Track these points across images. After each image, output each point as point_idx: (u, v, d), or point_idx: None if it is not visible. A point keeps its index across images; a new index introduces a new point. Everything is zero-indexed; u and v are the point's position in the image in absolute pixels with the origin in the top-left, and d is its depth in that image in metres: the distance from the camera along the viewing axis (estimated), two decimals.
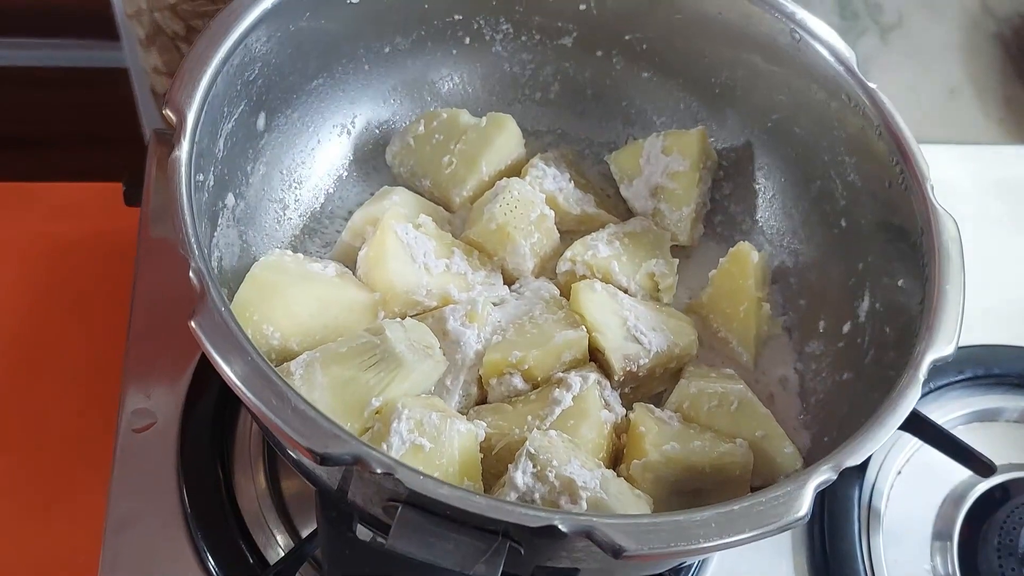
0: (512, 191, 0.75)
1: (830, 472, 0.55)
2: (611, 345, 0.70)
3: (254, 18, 0.68)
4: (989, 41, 1.06)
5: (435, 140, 0.81)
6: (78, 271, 0.81)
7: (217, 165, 0.68)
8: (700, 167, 0.81)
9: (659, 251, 0.79)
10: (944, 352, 0.61)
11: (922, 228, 0.67)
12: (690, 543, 0.51)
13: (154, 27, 0.89)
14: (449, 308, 0.71)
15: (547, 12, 0.84)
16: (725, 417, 0.69)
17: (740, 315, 0.75)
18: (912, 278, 0.68)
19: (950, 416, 0.85)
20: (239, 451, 0.77)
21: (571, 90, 0.88)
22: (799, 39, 0.77)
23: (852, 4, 1.01)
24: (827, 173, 0.78)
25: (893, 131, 0.72)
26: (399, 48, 0.82)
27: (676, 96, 0.86)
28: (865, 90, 0.74)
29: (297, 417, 0.51)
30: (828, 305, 0.78)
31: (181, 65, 0.63)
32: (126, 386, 0.74)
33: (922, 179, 0.69)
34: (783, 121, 0.81)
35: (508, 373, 0.69)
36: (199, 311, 0.53)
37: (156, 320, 0.76)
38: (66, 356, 0.79)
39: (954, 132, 0.69)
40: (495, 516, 0.50)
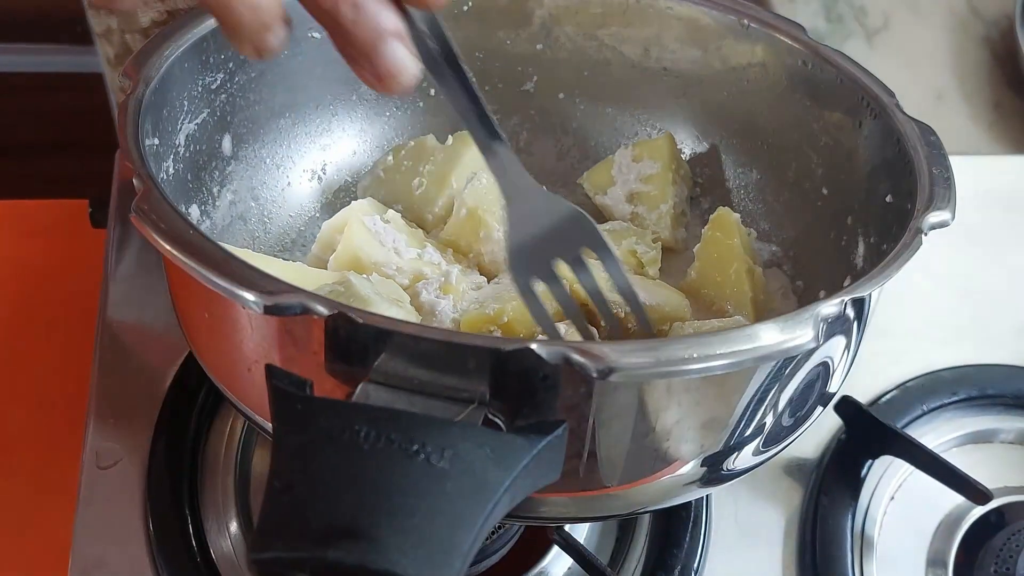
0: (481, 179, 0.74)
1: (835, 307, 0.49)
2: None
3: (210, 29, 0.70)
4: (977, 44, 1.06)
5: (404, 167, 0.81)
6: (45, 293, 0.77)
7: (177, 161, 0.68)
8: (671, 168, 0.81)
9: (640, 238, 0.76)
10: (942, 217, 0.57)
11: (898, 136, 0.66)
12: (684, 363, 0.44)
13: (124, 48, 0.91)
14: (422, 283, 0.68)
15: (507, 57, 0.88)
16: None
17: (731, 278, 0.71)
18: (899, 188, 0.65)
19: (944, 439, 0.80)
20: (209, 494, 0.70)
21: (540, 136, 0.89)
22: (747, 26, 0.79)
23: (837, 7, 1.03)
24: (799, 148, 0.78)
25: (849, 72, 0.72)
26: (365, 97, 0.84)
27: (642, 123, 0.87)
28: (815, 51, 0.75)
29: (241, 272, 0.47)
30: (825, 275, 0.74)
31: (144, 45, 0.65)
32: (91, 420, 0.69)
33: (887, 102, 0.68)
34: (747, 117, 0.82)
35: (487, 331, 0.64)
36: (140, 200, 0.51)
37: (123, 352, 0.72)
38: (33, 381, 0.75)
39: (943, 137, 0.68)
40: (460, 341, 0.44)
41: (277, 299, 0.46)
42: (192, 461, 0.70)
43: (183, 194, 0.69)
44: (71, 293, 0.77)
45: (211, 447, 0.71)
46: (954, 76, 1.05)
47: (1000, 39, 1.09)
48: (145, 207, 0.50)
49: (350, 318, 0.45)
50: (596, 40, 0.85)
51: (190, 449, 0.70)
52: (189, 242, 0.48)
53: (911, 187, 0.61)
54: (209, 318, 0.53)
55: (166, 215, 0.50)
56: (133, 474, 0.68)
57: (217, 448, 0.71)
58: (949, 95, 1.03)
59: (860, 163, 0.71)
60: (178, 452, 0.69)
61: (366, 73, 0.46)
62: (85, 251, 0.77)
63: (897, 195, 0.65)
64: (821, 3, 1.04)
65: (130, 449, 0.69)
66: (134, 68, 0.62)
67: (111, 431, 0.69)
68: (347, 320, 0.45)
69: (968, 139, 1.02)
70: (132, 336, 0.72)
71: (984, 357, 0.85)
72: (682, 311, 0.69)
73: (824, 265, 0.75)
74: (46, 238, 0.81)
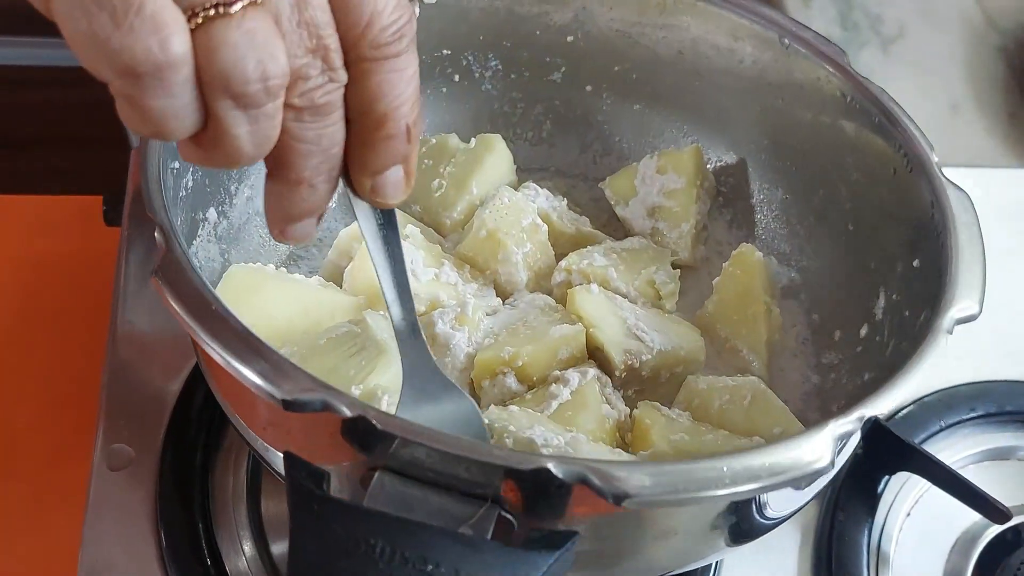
0: (503, 197, 0.73)
1: (852, 424, 0.49)
2: (611, 339, 0.65)
3: None
4: (993, 55, 1.03)
5: (424, 165, 0.79)
6: (56, 290, 0.77)
7: (196, 170, 0.66)
8: (696, 184, 0.79)
9: (659, 264, 0.75)
10: (969, 311, 0.57)
11: (932, 202, 0.64)
12: (697, 491, 0.45)
13: None
14: (437, 312, 0.67)
15: (535, 47, 0.85)
16: (739, 413, 0.64)
17: (749, 319, 0.71)
18: (928, 255, 0.64)
19: (961, 455, 0.80)
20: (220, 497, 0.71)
21: (563, 128, 0.87)
22: (788, 45, 0.76)
23: (853, 15, 1.00)
24: (829, 178, 0.76)
25: (891, 118, 0.69)
26: None
27: (669, 125, 0.85)
28: (857, 85, 0.72)
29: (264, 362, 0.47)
30: (842, 314, 0.74)
31: None
32: (102, 421, 0.70)
33: (927, 158, 0.67)
34: (778, 135, 0.80)
35: (501, 373, 0.64)
36: (161, 262, 0.50)
37: (135, 352, 0.72)
38: (43, 379, 0.75)
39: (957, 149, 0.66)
40: (478, 458, 0.44)
41: (297, 395, 0.46)
42: (204, 464, 0.70)
43: (201, 200, 0.68)
44: (83, 291, 0.77)
45: (223, 450, 0.72)
46: (969, 86, 1.02)
47: (1016, 49, 1.06)
48: (167, 274, 0.49)
49: (370, 422, 0.45)
50: (630, 38, 0.82)
51: (201, 452, 0.71)
52: (211, 319, 0.48)
53: (941, 263, 0.60)
54: (228, 381, 0.53)
55: (188, 284, 0.49)
56: (144, 476, 0.68)
57: (228, 451, 0.72)
58: (964, 106, 1.00)
59: (890, 212, 0.70)
60: (189, 455, 0.70)
61: (276, 224, 0.45)
62: (98, 248, 0.76)
63: (925, 263, 0.64)
64: (837, 11, 1.01)
65: (141, 451, 0.69)
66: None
67: (122, 433, 0.69)
68: (367, 423, 0.45)
69: (983, 150, 1.00)
70: (144, 337, 0.72)
71: (1003, 373, 0.84)
72: (697, 354, 0.69)
73: (842, 304, 0.74)
74: (59, 234, 0.79)
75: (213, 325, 0.47)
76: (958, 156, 1.02)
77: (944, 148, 1.04)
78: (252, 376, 0.46)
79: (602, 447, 0.57)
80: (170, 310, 0.49)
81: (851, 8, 1.00)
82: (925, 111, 0.68)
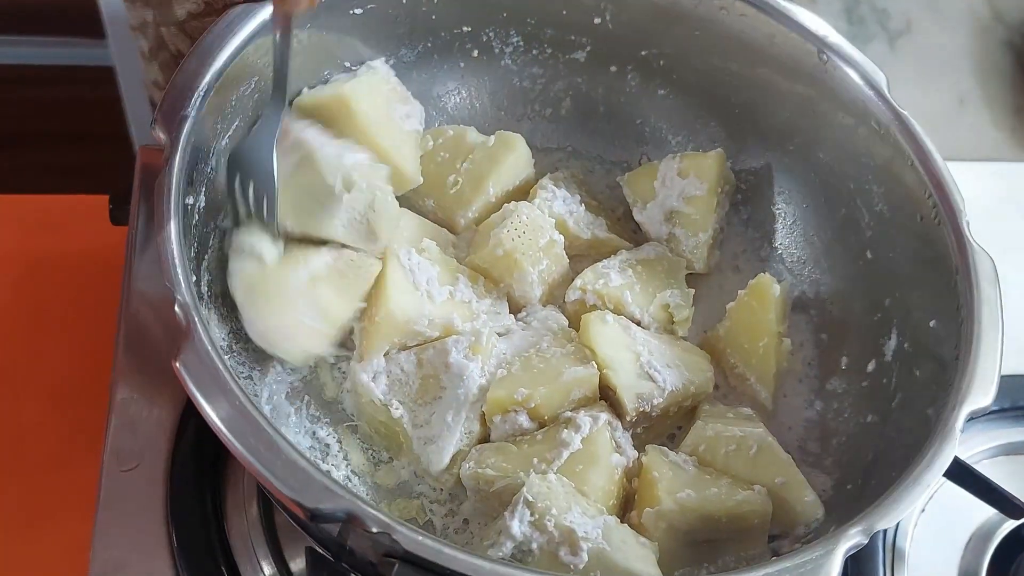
0: (521, 215, 0.71)
1: (860, 536, 0.51)
2: (623, 383, 0.66)
3: (252, 30, 0.64)
4: (999, 48, 1.02)
5: (440, 158, 0.77)
6: (64, 288, 0.76)
7: (209, 185, 0.64)
8: (718, 191, 0.78)
9: (674, 280, 0.75)
10: (981, 403, 0.57)
11: (957, 267, 0.64)
12: None
13: (158, 41, 0.85)
14: (452, 339, 0.67)
15: (560, 25, 0.80)
16: (743, 462, 0.65)
17: (759, 351, 0.71)
18: (946, 320, 0.64)
19: (976, 450, 0.81)
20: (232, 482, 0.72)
21: (583, 107, 0.84)
22: (826, 60, 0.73)
23: (859, 9, 0.97)
24: (853, 201, 0.75)
25: (926, 162, 0.68)
26: (404, 60, 0.78)
27: (693, 115, 0.82)
28: (897, 116, 0.70)
29: (286, 468, 0.47)
30: (851, 341, 0.74)
31: (172, 81, 0.59)
32: (112, 421, 0.70)
33: (957, 214, 0.66)
34: (806, 145, 0.77)
35: (513, 411, 0.65)
36: (184, 349, 0.49)
37: (143, 351, 0.71)
38: (50, 379, 0.75)
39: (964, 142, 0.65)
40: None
41: (320, 506, 0.47)
42: (214, 464, 0.71)
43: (213, 209, 0.66)
44: (90, 289, 0.75)
45: None
46: (976, 80, 1.01)
47: (1023, 43, 1.04)
48: (190, 363, 0.49)
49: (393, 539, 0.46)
50: (663, 23, 0.78)
51: (212, 451, 0.72)
52: (233, 422, 0.48)
53: (960, 341, 0.60)
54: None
55: (212, 375, 0.49)
56: (154, 477, 0.69)
57: None
58: (971, 99, 0.99)
59: (911, 256, 0.69)
60: (200, 454, 0.71)
61: None
62: (104, 246, 0.74)
63: (942, 329, 0.64)
64: (843, 4, 0.98)
65: (151, 451, 0.70)
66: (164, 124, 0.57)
67: (132, 433, 0.70)
68: (389, 538, 0.46)
69: (990, 144, 0.99)
70: (153, 335, 0.71)
71: (1016, 367, 0.81)
72: (706, 387, 0.70)
73: (852, 330, 0.74)
74: (65, 233, 0.77)
75: (242, 432, 0.47)
76: (965, 149, 1.02)
77: (951, 141, 1.03)
78: (279, 486, 0.47)
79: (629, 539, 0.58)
80: (195, 403, 0.49)
81: (857, 2, 0.97)
82: (932, 105, 0.68)
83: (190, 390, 0.49)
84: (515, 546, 0.57)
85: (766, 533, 0.64)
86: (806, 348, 0.76)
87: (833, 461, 0.70)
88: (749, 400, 0.73)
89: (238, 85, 0.65)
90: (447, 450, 0.64)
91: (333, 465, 0.66)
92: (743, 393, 0.73)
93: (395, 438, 0.66)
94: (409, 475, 0.67)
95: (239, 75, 0.64)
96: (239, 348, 0.66)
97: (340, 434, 0.68)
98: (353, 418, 0.69)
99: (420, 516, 0.65)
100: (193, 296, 0.52)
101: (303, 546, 0.68)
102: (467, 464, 0.64)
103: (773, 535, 0.65)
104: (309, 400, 0.69)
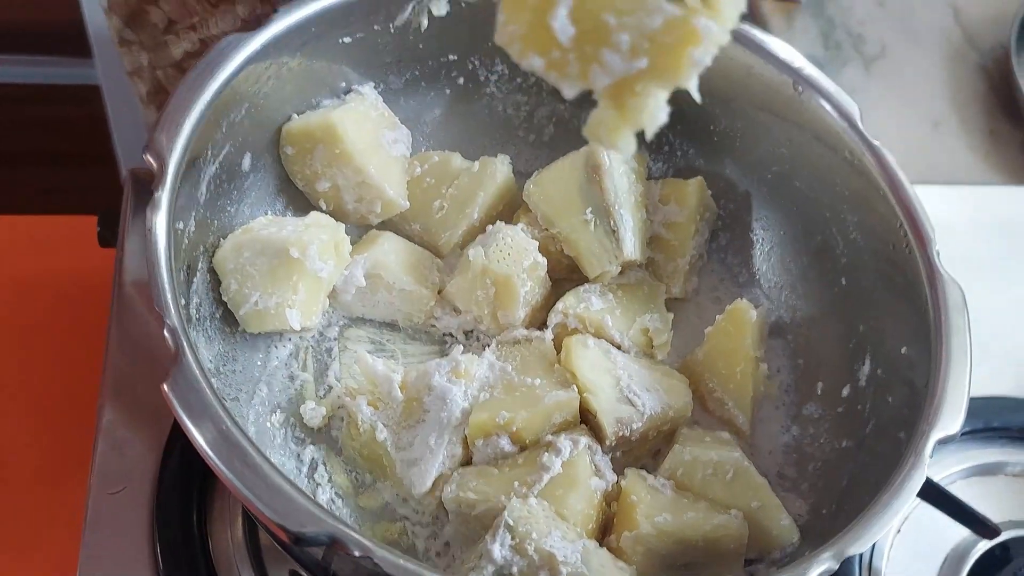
0: (505, 237, 0.73)
1: (831, 561, 0.52)
2: (604, 408, 0.67)
3: (243, 59, 0.65)
4: (973, 73, 1.06)
5: (426, 183, 0.78)
6: (52, 308, 0.77)
7: (199, 210, 0.66)
8: (697, 218, 0.79)
9: (653, 304, 0.76)
10: (950, 430, 0.59)
11: (927, 295, 0.65)
12: None
13: (155, 85, 0.87)
14: (435, 363, 0.68)
15: None
16: (720, 486, 0.67)
17: (737, 376, 0.73)
18: (917, 347, 0.65)
19: (950, 471, 0.83)
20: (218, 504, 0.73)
21: (566, 133, 0.86)
22: (801, 92, 0.75)
23: (835, 34, 1.00)
24: (828, 229, 0.76)
25: (898, 191, 0.70)
26: (392, 87, 0.80)
27: (673, 143, 0.84)
28: (869, 147, 0.72)
29: (271, 492, 0.48)
30: (827, 366, 0.76)
31: (164, 109, 0.61)
32: (99, 444, 0.71)
33: (927, 243, 0.67)
34: (783, 174, 0.79)
35: (495, 434, 0.66)
36: (172, 373, 0.50)
37: (131, 373, 0.72)
38: (38, 399, 0.76)
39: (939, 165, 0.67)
40: None
41: (303, 530, 0.48)
42: (200, 485, 0.72)
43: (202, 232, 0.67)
44: (78, 310, 0.76)
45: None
46: (950, 104, 1.04)
47: (995, 68, 1.08)
48: (178, 387, 0.50)
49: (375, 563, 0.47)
50: None
51: (198, 473, 0.72)
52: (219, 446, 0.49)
53: (930, 368, 0.62)
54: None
55: (200, 399, 0.50)
56: (141, 498, 0.70)
57: None
58: (945, 123, 1.02)
59: (885, 284, 0.71)
60: (186, 476, 0.72)
61: None
62: (92, 267, 0.75)
63: (913, 356, 0.65)
64: (819, 30, 1.00)
65: (138, 472, 0.71)
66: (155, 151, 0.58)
67: (119, 455, 0.70)
68: (372, 563, 0.47)
69: (964, 167, 1.02)
70: (141, 358, 0.72)
71: (988, 389, 0.86)
72: (685, 411, 0.71)
73: (827, 356, 0.76)
74: (53, 254, 0.78)
75: (228, 456, 0.49)
76: (940, 172, 1.05)
77: (926, 164, 1.06)
78: (263, 509, 0.48)
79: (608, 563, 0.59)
80: (182, 426, 0.50)
81: (833, 27, 0.99)
82: (907, 128, 0.70)
83: (178, 414, 0.50)
84: (496, 570, 0.58)
85: (742, 557, 0.65)
86: (783, 373, 0.78)
87: (809, 486, 0.71)
88: (727, 424, 0.74)
89: (229, 112, 0.66)
90: (430, 473, 0.66)
91: (318, 487, 0.67)
92: (721, 417, 0.75)
93: (379, 461, 0.68)
94: (392, 498, 0.68)
95: (230, 102, 0.65)
96: (226, 371, 0.67)
97: (324, 456, 0.69)
98: (337, 440, 0.70)
99: (403, 539, 0.66)
100: (182, 320, 0.53)
101: (287, 568, 0.69)
102: (449, 487, 0.65)
103: (750, 559, 0.66)
104: (294, 422, 0.70)
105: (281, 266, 0.67)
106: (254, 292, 0.67)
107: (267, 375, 0.71)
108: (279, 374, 0.72)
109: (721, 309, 0.76)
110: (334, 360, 0.74)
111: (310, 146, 0.73)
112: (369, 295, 0.75)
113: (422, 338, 0.76)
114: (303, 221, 0.70)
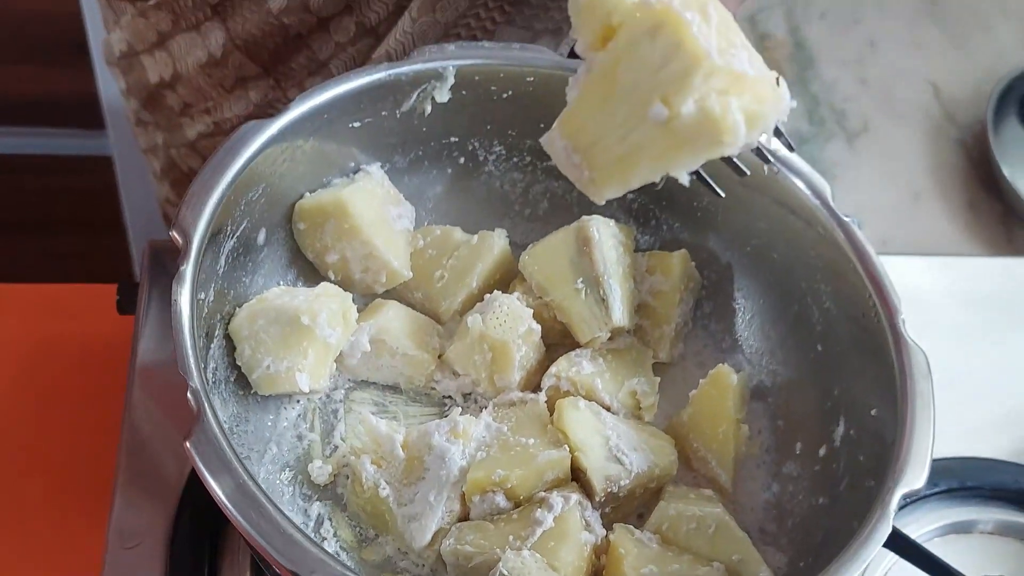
0: (502, 305, 0.78)
1: None
2: (593, 466, 0.72)
3: (261, 142, 0.71)
4: (952, 147, 1.12)
5: (428, 255, 0.84)
6: (69, 374, 0.81)
7: (217, 281, 0.71)
8: (682, 288, 0.84)
9: (641, 369, 0.81)
10: (914, 486, 0.63)
11: (894, 361, 0.70)
12: None
13: (169, 163, 0.92)
14: (434, 424, 0.73)
15: (538, 136, 0.87)
16: (703, 539, 0.71)
17: (719, 436, 0.77)
18: (886, 408, 0.70)
19: (926, 528, 0.87)
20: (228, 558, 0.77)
21: (559, 207, 0.91)
22: (777, 172, 0.80)
23: (819, 111, 1.06)
24: (804, 299, 0.82)
25: (866, 264, 0.75)
26: (397, 166, 0.86)
27: (659, 217, 0.90)
28: (840, 223, 0.77)
29: (283, 540, 0.53)
30: (805, 427, 0.80)
31: (190, 189, 0.66)
32: (116, 502, 0.75)
33: (894, 312, 0.72)
34: (762, 247, 0.85)
35: (491, 491, 0.70)
36: (194, 432, 0.55)
37: (147, 433, 0.77)
38: (55, 461, 0.80)
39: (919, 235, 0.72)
40: None
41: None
42: (213, 543, 0.76)
43: (219, 302, 0.72)
44: (96, 376, 0.81)
45: (233, 530, 0.77)
46: (931, 177, 1.10)
47: (974, 142, 1.14)
48: (200, 444, 0.54)
49: None
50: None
51: (211, 531, 0.76)
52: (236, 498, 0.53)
53: (896, 427, 0.67)
54: None
55: (219, 455, 0.55)
56: (156, 554, 0.74)
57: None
58: (926, 195, 1.09)
59: (857, 349, 0.76)
60: (200, 535, 0.76)
61: None
62: (110, 334, 0.80)
63: (882, 416, 0.70)
64: (804, 106, 1.07)
65: (153, 529, 0.75)
66: (181, 228, 0.64)
67: (135, 512, 0.74)
68: None
69: (944, 238, 1.07)
70: (158, 419, 0.77)
71: (963, 450, 0.91)
72: (670, 470, 0.75)
73: (805, 418, 0.80)
74: (71, 321, 0.82)
75: (244, 507, 0.53)
76: (921, 242, 1.11)
77: (907, 235, 1.12)
78: (277, 557, 0.52)
79: None
80: (203, 480, 0.54)
81: (817, 104, 1.06)
82: (889, 200, 0.75)
83: (199, 468, 0.54)
84: None
85: None
86: (764, 434, 0.82)
87: (788, 540, 0.75)
88: (711, 482, 0.78)
89: (247, 191, 0.72)
90: (429, 528, 0.70)
91: (324, 540, 0.71)
92: (705, 476, 0.79)
93: (381, 516, 0.72)
94: (393, 551, 0.72)
95: (249, 183, 0.71)
96: (239, 431, 0.72)
97: (330, 512, 0.73)
98: (342, 497, 0.74)
99: None
100: (204, 383, 0.58)
101: None
102: (447, 541, 0.69)
103: None
104: (302, 480, 0.74)
105: (292, 333, 0.72)
106: (267, 357, 0.72)
107: (277, 435, 0.75)
108: (288, 434, 0.76)
109: (705, 373, 0.80)
110: (340, 421, 0.78)
111: (321, 221, 0.78)
112: (374, 359, 0.80)
113: (423, 400, 0.81)
114: (313, 291, 0.75)
